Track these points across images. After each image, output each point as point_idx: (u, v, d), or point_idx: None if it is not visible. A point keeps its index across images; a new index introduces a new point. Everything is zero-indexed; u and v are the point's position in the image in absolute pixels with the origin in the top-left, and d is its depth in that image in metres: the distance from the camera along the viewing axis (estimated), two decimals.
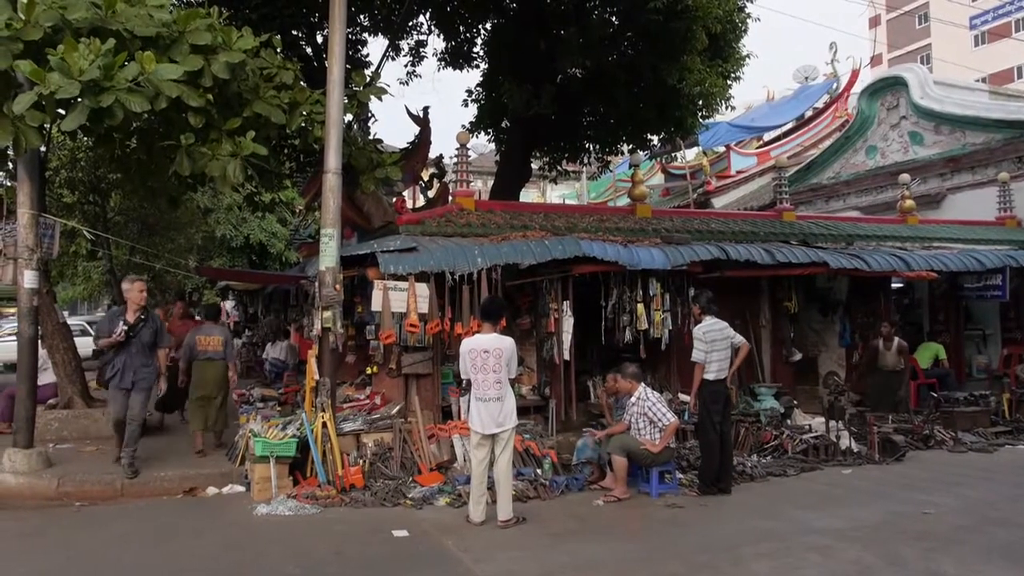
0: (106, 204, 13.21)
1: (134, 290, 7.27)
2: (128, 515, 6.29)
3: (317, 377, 7.31)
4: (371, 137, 9.62)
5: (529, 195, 25.91)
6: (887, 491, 6.88)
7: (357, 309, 8.89)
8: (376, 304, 7.68)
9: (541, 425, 8.41)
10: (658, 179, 25.21)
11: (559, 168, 14.67)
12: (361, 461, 7.19)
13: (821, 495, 6.81)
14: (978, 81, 25.34)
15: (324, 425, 7.04)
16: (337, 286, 7.35)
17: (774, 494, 6.88)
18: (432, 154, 11.62)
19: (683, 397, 9.02)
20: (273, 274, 16.13)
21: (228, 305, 19.27)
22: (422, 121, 10.95)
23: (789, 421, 9.08)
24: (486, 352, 5.85)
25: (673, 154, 19.21)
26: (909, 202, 13.13)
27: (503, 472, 5.84)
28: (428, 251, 7.91)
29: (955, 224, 13.33)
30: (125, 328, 7.04)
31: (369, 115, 12.06)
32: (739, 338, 7.14)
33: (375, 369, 8.36)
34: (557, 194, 29.37)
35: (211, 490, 6.99)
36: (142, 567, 4.99)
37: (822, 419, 8.90)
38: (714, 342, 6.90)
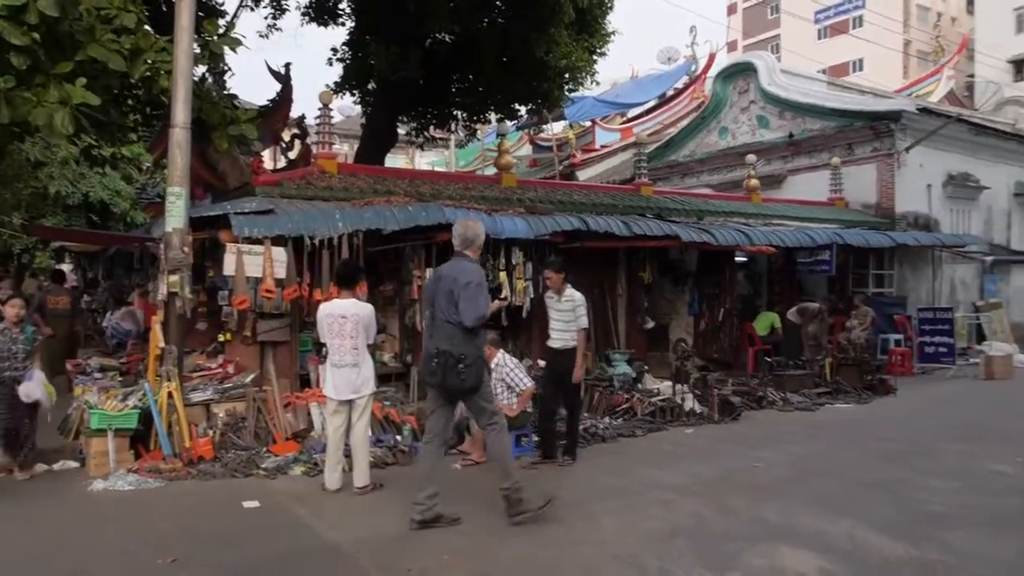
0: None
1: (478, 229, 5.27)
2: None
3: (162, 345, 6.91)
4: (227, 92, 9.08)
5: (397, 161, 25.45)
6: (724, 448, 7.45)
7: (209, 273, 8.45)
8: (229, 268, 7.33)
9: (402, 392, 8.40)
10: (526, 150, 25.54)
11: (426, 134, 14.51)
12: (211, 432, 6.89)
13: (666, 454, 7.26)
14: (819, 72, 27.35)
15: (170, 395, 6.68)
16: (185, 248, 6.95)
17: (623, 454, 7.26)
18: (294, 113, 11.15)
19: (543, 364, 9.27)
20: (114, 235, 14.95)
21: (64, 269, 17.69)
22: (283, 78, 10.42)
23: (640, 385, 9.57)
24: (343, 318, 5.75)
25: (541, 126, 19.49)
26: (754, 181, 14.07)
27: (360, 439, 5.80)
28: (286, 214, 7.63)
29: (793, 203, 14.45)
30: None
31: (225, 68, 11.35)
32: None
33: (229, 336, 7.99)
34: (426, 161, 29.06)
35: (40, 467, 6.46)
36: None
37: (670, 383, 9.46)
38: None
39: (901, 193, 14.63)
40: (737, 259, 12.43)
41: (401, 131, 14.45)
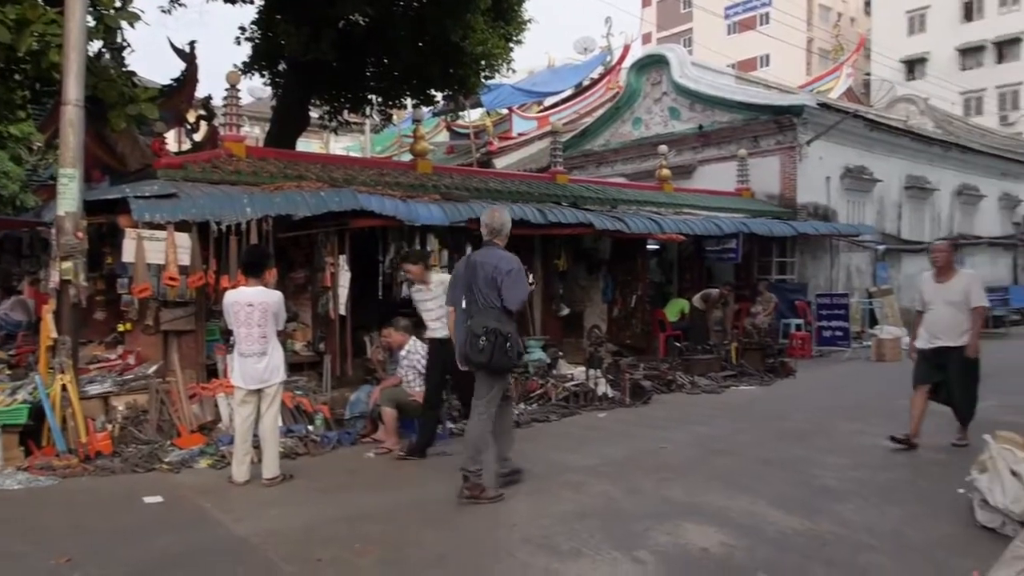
0: None
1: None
2: None
3: (55, 335, 6.54)
4: (126, 69, 8.61)
5: (311, 145, 24.87)
6: (633, 431, 7.65)
7: (107, 260, 8.05)
8: (128, 255, 6.99)
9: (315, 381, 8.24)
10: (444, 137, 25.39)
11: (340, 118, 14.19)
12: (110, 426, 6.59)
13: (578, 437, 7.40)
14: (729, 66, 28.25)
15: (64, 388, 6.33)
16: (79, 233, 6.60)
17: (537, 439, 7.34)
18: (200, 94, 10.70)
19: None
20: (2, 219, 14.02)
21: None
22: (188, 56, 10.00)
23: (555, 371, 9.71)
24: (250, 306, 5.59)
25: (458, 113, 19.39)
26: (666, 171, 14.44)
27: (269, 429, 5.66)
28: (190, 198, 7.33)
29: (702, 193, 14.92)
30: None
31: (123, 44, 10.77)
32: None
33: (129, 326, 7.66)
34: (341, 146, 28.48)
35: None
36: None
37: (584, 368, 9.64)
38: None
39: (802, 184, 15.33)
40: (649, 247, 12.75)
41: (314, 114, 14.09)
